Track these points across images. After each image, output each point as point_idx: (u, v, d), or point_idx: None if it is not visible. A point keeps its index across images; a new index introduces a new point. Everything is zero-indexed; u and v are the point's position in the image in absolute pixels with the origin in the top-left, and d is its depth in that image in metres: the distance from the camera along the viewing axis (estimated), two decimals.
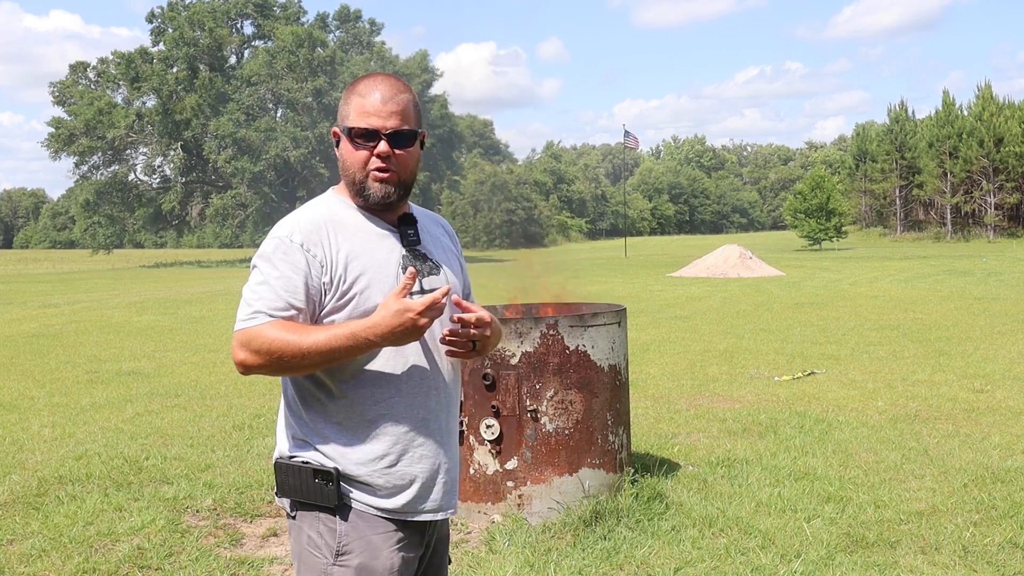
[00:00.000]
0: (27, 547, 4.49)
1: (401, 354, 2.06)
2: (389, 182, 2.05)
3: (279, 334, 1.94)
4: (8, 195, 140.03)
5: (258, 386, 9.30)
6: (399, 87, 2.08)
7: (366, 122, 2.03)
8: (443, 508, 2.15)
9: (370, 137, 2.04)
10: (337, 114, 2.13)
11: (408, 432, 2.07)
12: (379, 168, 2.04)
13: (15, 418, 7.86)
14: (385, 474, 2.05)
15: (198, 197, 60.97)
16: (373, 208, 2.09)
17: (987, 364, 9.58)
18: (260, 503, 5.15)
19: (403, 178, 2.08)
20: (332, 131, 2.13)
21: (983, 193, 59.36)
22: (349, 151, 2.07)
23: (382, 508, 2.06)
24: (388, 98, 2.04)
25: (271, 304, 1.97)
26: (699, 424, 6.98)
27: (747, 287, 22.86)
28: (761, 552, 4.23)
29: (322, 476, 2.03)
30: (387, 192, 2.06)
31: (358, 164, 2.06)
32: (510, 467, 4.69)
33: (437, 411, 2.12)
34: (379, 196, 2.06)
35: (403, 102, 2.05)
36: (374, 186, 2.05)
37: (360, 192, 2.07)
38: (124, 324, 16.48)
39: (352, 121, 2.05)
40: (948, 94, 63.94)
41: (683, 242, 76.60)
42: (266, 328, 1.95)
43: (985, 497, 4.96)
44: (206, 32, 57.49)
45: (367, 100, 2.04)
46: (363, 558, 2.04)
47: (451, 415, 2.18)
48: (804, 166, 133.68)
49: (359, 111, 2.04)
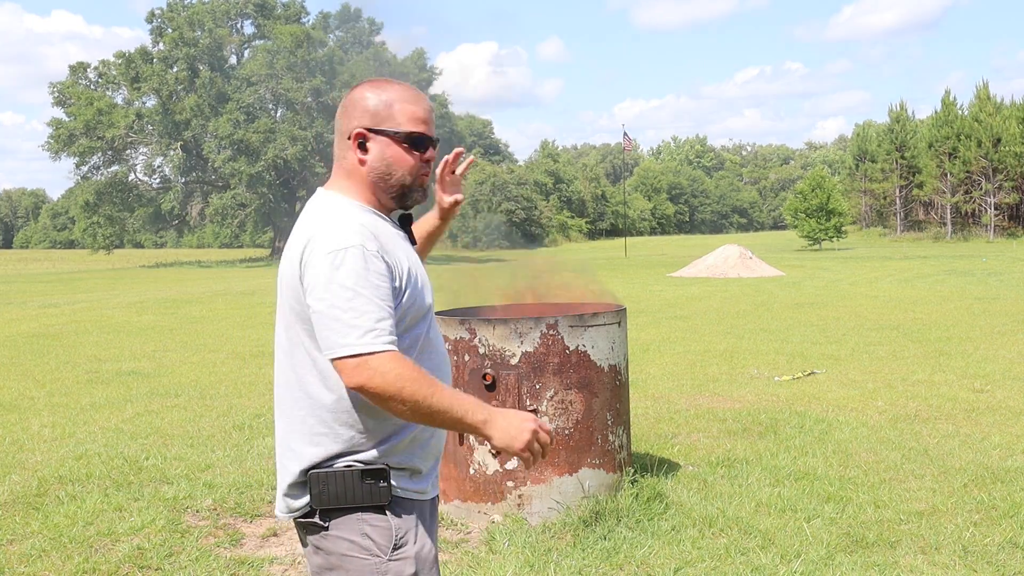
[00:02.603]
0: (27, 547, 4.49)
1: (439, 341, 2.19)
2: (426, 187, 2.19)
3: (413, 376, 1.92)
4: (8, 195, 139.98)
5: (258, 386, 9.31)
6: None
7: (424, 128, 2.11)
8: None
9: (425, 145, 2.12)
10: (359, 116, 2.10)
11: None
12: (425, 174, 2.14)
13: (15, 418, 7.86)
14: (423, 449, 2.12)
15: (198, 197, 60.95)
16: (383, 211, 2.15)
17: (987, 364, 9.58)
18: (260, 503, 5.15)
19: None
20: (356, 132, 2.09)
21: (983, 193, 59.37)
22: (399, 156, 2.09)
23: (418, 490, 2.11)
24: (430, 108, 2.14)
25: (377, 318, 1.92)
26: (699, 424, 6.98)
27: (747, 287, 22.86)
28: (761, 552, 4.23)
29: (372, 475, 2.02)
30: (423, 197, 2.18)
31: (409, 169, 2.11)
32: (510, 467, 4.69)
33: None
34: (419, 201, 2.16)
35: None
36: (418, 192, 2.14)
37: (405, 194, 2.14)
38: (124, 324, 16.48)
39: (406, 125, 2.09)
40: (949, 94, 63.96)
41: (683, 242, 76.59)
42: (392, 360, 1.91)
43: (985, 497, 4.96)
44: (206, 32, 57.46)
45: (419, 108, 2.11)
46: (417, 546, 2.07)
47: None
48: (804, 166, 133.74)
49: (412, 117, 2.10)
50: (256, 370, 10.47)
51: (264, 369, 10.54)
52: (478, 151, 75.53)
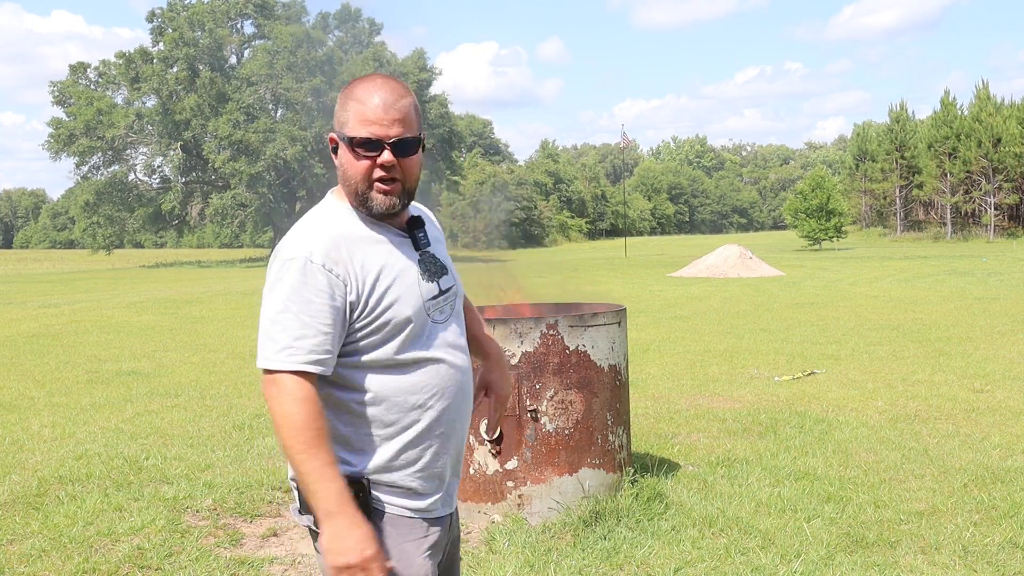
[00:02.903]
0: (27, 547, 4.48)
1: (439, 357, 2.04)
2: (393, 193, 1.97)
3: (296, 420, 1.86)
4: (8, 195, 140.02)
5: (258, 386, 9.30)
6: (399, 91, 1.98)
7: (368, 130, 1.93)
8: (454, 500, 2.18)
9: (373, 147, 1.94)
10: (334, 118, 2.03)
11: (441, 433, 2.06)
12: (382, 179, 1.96)
13: (15, 418, 7.85)
14: (420, 476, 2.03)
15: (198, 197, 60.94)
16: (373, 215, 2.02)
17: (987, 364, 9.58)
18: (260, 503, 5.15)
19: (408, 186, 2.00)
20: (329, 136, 2.03)
21: (983, 193, 59.38)
22: (350, 161, 1.97)
23: (415, 508, 2.03)
24: (389, 104, 1.94)
25: (304, 346, 1.88)
26: (699, 424, 6.98)
27: (747, 287, 22.86)
28: (761, 552, 4.23)
29: (352, 486, 1.94)
30: (392, 203, 1.98)
31: (360, 174, 1.96)
32: (510, 467, 4.69)
33: (463, 408, 2.12)
34: (383, 208, 1.98)
35: (404, 107, 1.96)
36: (377, 197, 1.97)
37: (363, 203, 1.99)
38: (124, 324, 16.47)
39: (352, 129, 1.95)
40: (948, 94, 63.98)
41: (683, 242, 76.60)
42: (299, 396, 1.87)
43: (985, 497, 4.96)
44: (206, 32, 57.46)
45: (367, 107, 1.94)
46: (397, 566, 1.99)
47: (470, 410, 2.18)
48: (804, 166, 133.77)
49: (359, 118, 1.94)
50: (256, 370, 10.44)
51: None
52: (478, 151, 75.48)
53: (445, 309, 2.08)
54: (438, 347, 2.04)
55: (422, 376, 2.01)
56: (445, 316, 2.08)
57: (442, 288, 2.07)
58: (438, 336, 2.05)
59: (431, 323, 2.04)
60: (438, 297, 2.06)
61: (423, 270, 2.04)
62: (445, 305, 2.08)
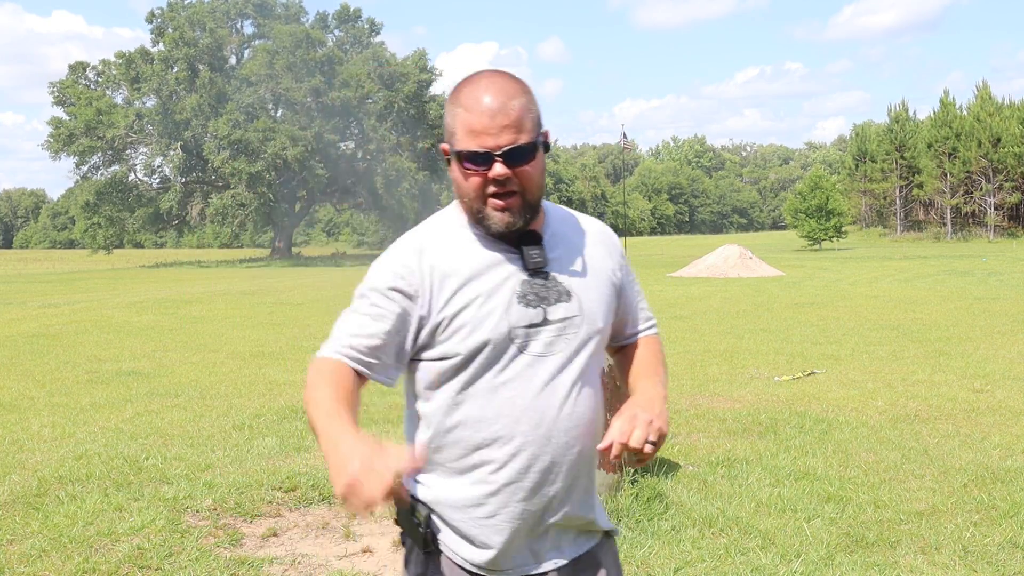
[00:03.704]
0: (27, 547, 4.48)
1: (522, 395, 1.78)
2: (511, 208, 1.74)
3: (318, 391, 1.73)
4: (8, 195, 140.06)
5: (258, 386, 9.30)
6: (508, 90, 1.74)
7: (475, 143, 1.71)
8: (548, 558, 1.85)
9: (482, 160, 1.72)
10: (444, 126, 1.82)
11: (514, 484, 1.79)
12: (496, 194, 1.73)
13: (15, 418, 7.85)
14: (480, 524, 1.80)
15: (198, 197, 60.94)
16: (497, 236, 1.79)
17: (987, 364, 9.58)
18: (260, 503, 5.15)
19: (529, 198, 1.76)
20: (441, 147, 1.82)
21: (983, 193, 59.38)
22: (461, 176, 1.76)
23: (469, 559, 1.81)
24: (496, 109, 1.71)
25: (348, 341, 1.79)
26: (699, 424, 6.98)
27: (747, 287, 22.86)
28: (761, 552, 4.23)
29: (416, 514, 1.81)
30: (510, 221, 1.75)
31: (472, 191, 1.75)
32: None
33: (560, 460, 1.81)
34: (501, 226, 1.75)
35: (515, 110, 1.72)
36: (494, 215, 1.75)
37: (479, 221, 1.77)
38: (124, 324, 16.47)
39: (460, 142, 1.73)
40: (947, 94, 64.02)
41: (683, 242, 76.59)
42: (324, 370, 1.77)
43: (985, 497, 4.96)
44: (206, 32, 57.47)
45: (472, 114, 1.72)
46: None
47: (574, 463, 1.85)
48: (804, 166, 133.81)
49: (465, 128, 1.72)
50: (256, 370, 10.46)
51: (264, 369, 10.54)
52: None
53: (554, 342, 1.79)
54: (525, 383, 1.78)
55: (495, 412, 1.77)
56: (550, 349, 1.79)
57: (549, 317, 1.79)
58: (531, 371, 1.78)
59: (520, 354, 1.77)
60: (540, 327, 1.78)
61: (523, 292, 1.78)
62: (553, 338, 1.79)
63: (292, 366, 10.73)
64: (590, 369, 1.85)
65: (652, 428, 1.77)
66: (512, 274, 1.78)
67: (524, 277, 1.79)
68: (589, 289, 1.85)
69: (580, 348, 1.82)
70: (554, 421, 1.79)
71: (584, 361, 1.83)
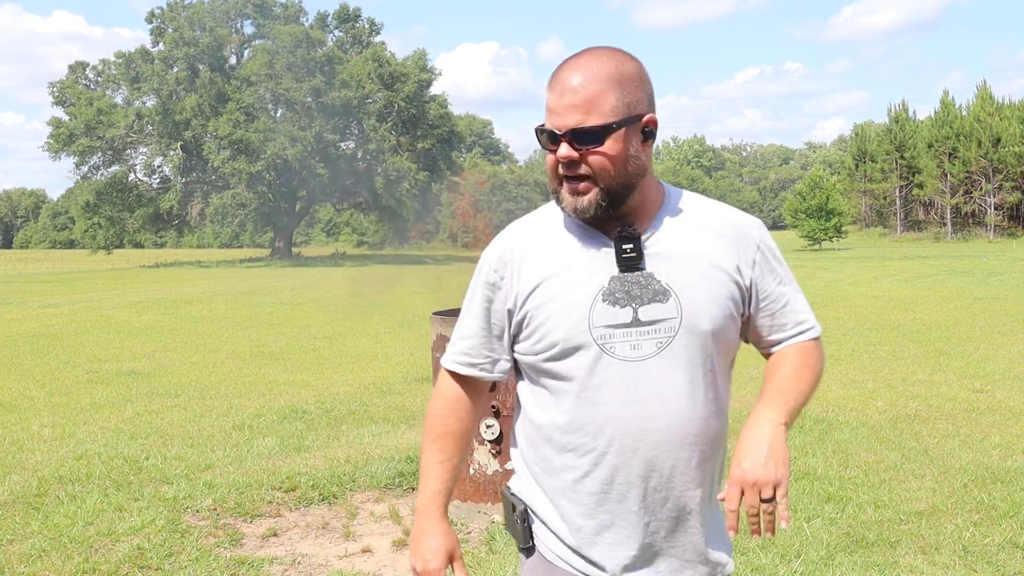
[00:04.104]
0: (27, 547, 4.49)
1: (609, 400, 1.68)
2: (583, 193, 1.65)
3: (430, 411, 1.88)
4: (8, 195, 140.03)
5: (258, 386, 9.31)
6: (592, 70, 1.63)
7: (549, 122, 1.66)
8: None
9: (552, 140, 1.65)
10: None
11: (604, 492, 1.72)
12: (566, 176, 1.66)
13: (15, 418, 7.86)
14: (575, 530, 1.75)
15: (198, 197, 60.93)
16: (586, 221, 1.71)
17: (987, 364, 9.58)
18: (260, 503, 5.15)
19: (605, 184, 1.64)
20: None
21: (983, 193, 59.39)
22: (546, 156, 1.71)
23: (560, 556, 1.77)
24: (569, 88, 1.63)
25: (459, 347, 1.85)
26: None
27: None
28: (761, 552, 4.23)
29: (517, 512, 1.82)
30: (580, 205, 1.66)
31: (550, 171, 1.70)
32: (510, 467, 4.68)
33: (657, 468, 1.70)
34: (571, 209, 1.67)
35: (587, 90, 1.61)
36: (566, 198, 1.67)
37: (557, 203, 1.72)
38: (124, 324, 16.48)
39: (545, 120, 1.69)
40: (947, 94, 64.03)
41: None
42: (441, 391, 1.88)
43: (985, 497, 4.96)
44: (206, 32, 57.46)
45: (552, 92, 1.66)
46: None
47: (665, 477, 1.72)
48: (804, 166, 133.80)
49: (546, 106, 1.67)
50: (256, 370, 10.46)
51: (264, 369, 10.54)
52: (478, 151, 75.46)
53: (645, 345, 1.67)
54: (612, 389, 1.67)
55: (580, 416, 1.70)
56: (641, 353, 1.67)
57: (640, 317, 1.66)
58: (620, 376, 1.68)
59: (606, 356, 1.67)
60: (629, 327, 1.66)
61: (611, 290, 1.67)
62: (644, 340, 1.67)
63: (292, 366, 10.73)
64: (696, 377, 1.70)
65: (755, 491, 1.62)
66: (602, 269, 1.68)
67: (615, 273, 1.68)
68: (695, 288, 1.69)
69: (680, 353, 1.68)
70: (642, 432, 1.68)
71: (686, 368, 1.69)
